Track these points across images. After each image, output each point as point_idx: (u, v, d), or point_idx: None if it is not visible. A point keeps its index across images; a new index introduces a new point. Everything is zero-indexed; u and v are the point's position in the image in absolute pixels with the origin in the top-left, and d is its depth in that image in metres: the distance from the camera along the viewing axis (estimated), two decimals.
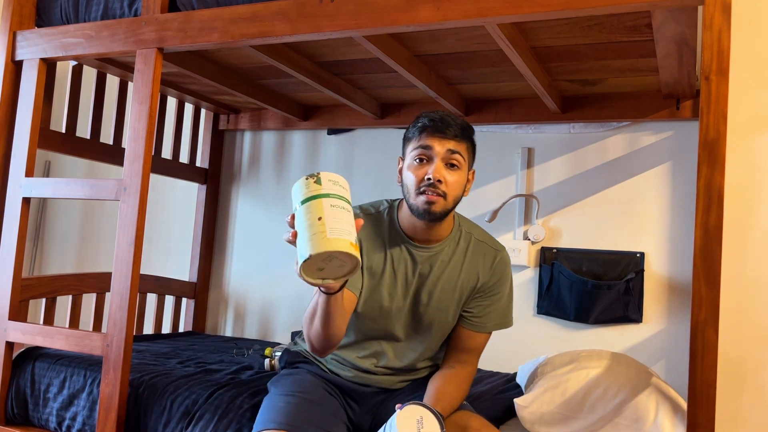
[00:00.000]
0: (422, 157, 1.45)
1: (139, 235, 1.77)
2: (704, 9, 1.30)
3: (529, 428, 1.56)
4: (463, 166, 1.46)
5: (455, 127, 1.45)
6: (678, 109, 2.20)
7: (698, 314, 1.25)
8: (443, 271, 1.53)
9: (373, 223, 1.54)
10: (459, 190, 1.46)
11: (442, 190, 1.42)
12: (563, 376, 1.62)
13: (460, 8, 1.47)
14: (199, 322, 2.91)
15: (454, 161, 1.44)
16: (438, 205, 1.42)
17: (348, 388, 1.61)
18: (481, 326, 1.56)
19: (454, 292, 1.54)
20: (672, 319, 2.22)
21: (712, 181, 1.26)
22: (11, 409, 1.95)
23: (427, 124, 1.45)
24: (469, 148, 1.48)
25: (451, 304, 1.54)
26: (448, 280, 1.53)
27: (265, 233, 2.89)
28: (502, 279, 1.56)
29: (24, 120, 2.00)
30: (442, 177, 1.42)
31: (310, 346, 1.42)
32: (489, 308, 1.56)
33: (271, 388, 1.59)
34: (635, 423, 1.49)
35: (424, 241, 1.52)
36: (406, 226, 1.52)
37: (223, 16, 1.74)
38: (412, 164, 1.46)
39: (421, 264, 1.52)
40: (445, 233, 1.53)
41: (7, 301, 1.96)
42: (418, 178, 1.44)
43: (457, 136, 1.45)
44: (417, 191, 1.43)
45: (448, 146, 1.43)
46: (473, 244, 1.56)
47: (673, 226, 2.25)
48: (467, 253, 1.55)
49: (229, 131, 3.02)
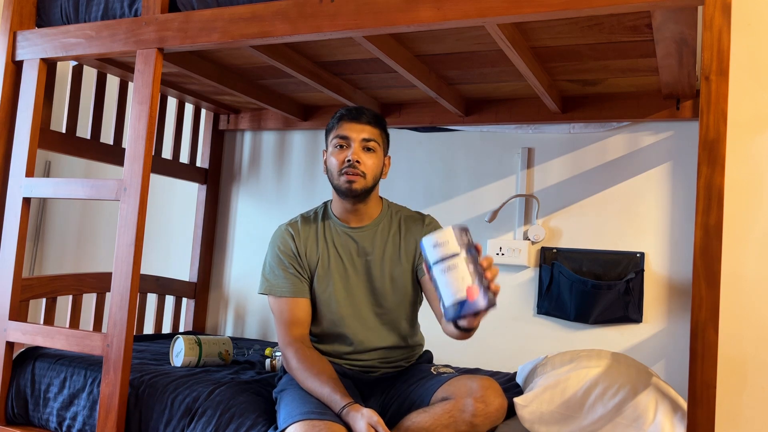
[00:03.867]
0: (341, 144, 1.66)
1: (139, 235, 1.77)
2: (704, 9, 1.30)
3: (529, 427, 1.56)
4: (378, 151, 1.68)
5: (368, 115, 1.68)
6: (678, 109, 2.20)
7: (698, 314, 1.25)
8: (385, 245, 1.72)
9: (312, 222, 1.75)
10: (376, 170, 1.68)
11: (360, 170, 1.63)
12: (563, 376, 1.62)
13: (460, 8, 1.47)
14: (199, 322, 2.91)
15: (369, 146, 1.66)
16: (358, 183, 1.64)
17: (354, 378, 1.69)
18: None
19: (400, 262, 1.71)
20: (672, 319, 2.22)
21: (712, 181, 1.26)
22: (11, 409, 1.95)
23: (344, 113, 1.69)
24: (382, 135, 1.71)
25: (404, 274, 1.71)
26: (394, 253, 1.72)
27: (265, 233, 2.89)
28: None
29: (24, 120, 2.00)
30: (360, 158, 1.64)
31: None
32: None
33: (287, 385, 1.64)
34: (635, 422, 1.49)
35: (358, 223, 1.73)
36: (339, 213, 1.73)
37: (223, 16, 1.74)
38: (334, 150, 1.68)
39: (361, 243, 1.71)
40: (375, 213, 1.74)
41: (7, 301, 1.96)
42: (339, 161, 1.65)
43: (371, 123, 1.67)
44: (339, 173, 1.65)
45: (363, 134, 1.66)
46: (404, 220, 1.77)
47: (673, 226, 2.25)
48: (401, 227, 1.75)
49: (229, 131, 3.02)
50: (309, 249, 1.71)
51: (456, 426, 1.43)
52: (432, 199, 2.59)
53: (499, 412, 1.46)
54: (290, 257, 1.70)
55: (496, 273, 1.29)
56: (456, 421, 1.43)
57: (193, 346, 2.05)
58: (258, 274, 2.87)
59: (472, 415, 1.43)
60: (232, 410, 1.63)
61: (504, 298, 2.44)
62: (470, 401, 1.44)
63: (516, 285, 2.43)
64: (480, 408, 1.44)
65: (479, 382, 1.49)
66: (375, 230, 1.73)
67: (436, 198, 2.59)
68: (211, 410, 1.65)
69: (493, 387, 1.48)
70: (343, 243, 1.72)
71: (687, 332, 2.17)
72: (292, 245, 1.71)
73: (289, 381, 1.65)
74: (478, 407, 1.44)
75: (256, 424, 1.58)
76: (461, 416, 1.44)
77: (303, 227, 1.74)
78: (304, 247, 1.71)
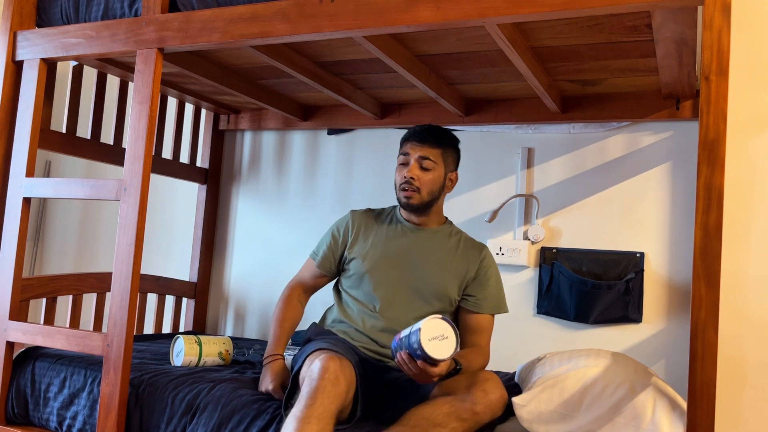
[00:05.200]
0: (403, 162, 1.84)
1: (139, 235, 1.77)
2: (704, 9, 1.30)
3: (528, 427, 1.56)
4: (435, 169, 1.81)
5: (429, 137, 1.82)
6: (678, 109, 2.20)
7: (698, 314, 1.25)
8: (438, 250, 1.84)
9: (376, 216, 1.94)
10: (432, 186, 1.81)
11: (415, 185, 1.79)
12: (561, 375, 1.62)
13: (460, 8, 1.47)
14: (199, 322, 2.92)
15: (425, 165, 1.80)
16: (414, 199, 1.81)
17: (366, 362, 1.73)
18: (482, 307, 1.82)
19: (450, 270, 1.82)
20: (672, 319, 2.22)
21: (712, 181, 1.26)
22: (12, 409, 1.95)
23: (409, 134, 1.85)
24: (443, 153, 1.83)
25: (450, 281, 1.81)
26: (444, 259, 1.83)
27: (265, 233, 2.90)
28: (492, 268, 1.88)
29: (24, 120, 2.00)
30: (415, 176, 1.79)
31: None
32: (485, 292, 1.83)
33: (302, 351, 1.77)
34: (633, 421, 1.49)
35: (417, 225, 1.88)
36: (404, 216, 1.91)
37: (223, 16, 1.74)
38: (398, 167, 1.86)
39: (417, 240, 1.86)
40: (434, 224, 1.89)
41: (7, 301, 1.96)
42: (400, 177, 1.83)
43: (429, 143, 1.81)
44: (399, 188, 1.83)
45: (421, 152, 1.80)
46: (464, 241, 1.90)
47: (673, 226, 2.25)
48: (459, 246, 1.87)
49: (229, 131, 3.02)
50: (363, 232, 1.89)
51: (458, 414, 1.47)
52: None
53: (499, 402, 1.51)
54: (335, 239, 1.91)
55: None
56: (457, 410, 1.47)
57: (193, 346, 2.05)
58: (258, 274, 2.90)
59: (473, 403, 1.48)
60: (234, 403, 1.63)
61: None
62: (471, 391, 1.50)
63: (516, 285, 2.43)
64: (480, 396, 1.49)
65: (480, 375, 1.56)
66: (433, 235, 1.87)
67: None
68: (212, 405, 1.65)
69: (493, 379, 1.55)
70: (396, 233, 1.87)
71: (687, 332, 2.17)
72: (342, 229, 1.91)
73: (304, 348, 1.74)
74: (479, 395, 1.49)
75: (259, 415, 1.58)
76: (462, 405, 1.48)
77: (364, 216, 1.93)
78: (356, 230, 1.89)
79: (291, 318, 1.88)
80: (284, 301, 1.90)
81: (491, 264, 1.87)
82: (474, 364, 1.67)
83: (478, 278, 1.83)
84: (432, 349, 1.42)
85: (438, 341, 1.43)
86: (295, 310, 1.90)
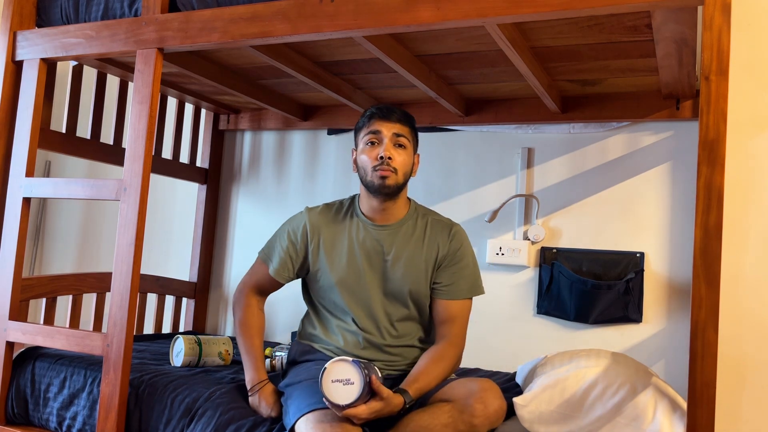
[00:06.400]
0: (373, 141, 1.68)
1: (139, 235, 1.77)
2: (704, 9, 1.30)
3: (528, 427, 1.56)
4: (409, 148, 1.70)
5: (398, 113, 1.69)
6: (678, 109, 2.20)
7: (698, 314, 1.25)
8: (406, 245, 1.72)
9: (336, 213, 1.78)
10: (407, 167, 1.69)
11: (393, 166, 1.64)
12: (562, 376, 1.62)
13: (460, 8, 1.47)
14: (199, 322, 2.91)
15: (400, 142, 1.68)
16: (391, 179, 1.65)
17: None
18: (453, 293, 1.71)
19: (420, 264, 1.70)
20: (672, 319, 2.22)
21: (712, 181, 1.26)
22: (11, 409, 1.95)
23: (374, 111, 1.70)
24: (412, 132, 1.72)
25: (420, 276, 1.70)
26: (413, 255, 1.71)
27: (265, 233, 2.89)
28: (463, 248, 1.74)
29: (24, 120, 2.00)
30: (392, 155, 1.65)
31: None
32: (456, 275, 1.72)
33: (294, 379, 1.67)
34: (634, 421, 1.49)
35: (383, 221, 1.73)
36: (367, 210, 1.74)
37: (223, 16, 1.74)
38: (365, 148, 1.69)
39: (382, 241, 1.72)
40: (401, 213, 1.74)
41: (7, 301, 1.96)
42: (372, 157, 1.66)
43: (401, 120, 1.69)
44: (372, 169, 1.66)
45: (394, 129, 1.67)
46: (431, 223, 1.76)
47: (673, 226, 2.25)
48: (426, 230, 1.74)
49: (229, 131, 3.02)
50: (324, 238, 1.74)
51: (455, 425, 1.44)
52: (432, 199, 2.59)
53: (498, 413, 1.47)
54: (292, 243, 1.76)
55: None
56: (455, 421, 1.44)
57: (193, 346, 2.05)
58: None
59: (471, 416, 1.44)
60: (232, 413, 1.62)
61: (504, 298, 2.44)
62: (470, 402, 1.45)
63: (516, 285, 2.43)
64: (479, 408, 1.45)
65: (479, 384, 1.50)
66: (398, 231, 1.73)
67: (436, 198, 2.59)
68: (211, 411, 1.65)
69: (492, 389, 1.50)
70: (364, 238, 1.72)
71: (687, 332, 2.17)
72: (300, 233, 1.76)
73: (296, 375, 1.67)
74: (478, 408, 1.45)
75: (255, 427, 1.57)
76: (460, 416, 1.44)
77: (322, 217, 1.77)
78: (316, 236, 1.74)
79: (258, 330, 1.77)
80: (245, 312, 1.78)
81: (461, 243, 1.74)
82: (434, 378, 1.58)
83: (448, 260, 1.71)
84: (331, 392, 1.37)
85: (342, 385, 1.37)
86: (259, 319, 1.79)
